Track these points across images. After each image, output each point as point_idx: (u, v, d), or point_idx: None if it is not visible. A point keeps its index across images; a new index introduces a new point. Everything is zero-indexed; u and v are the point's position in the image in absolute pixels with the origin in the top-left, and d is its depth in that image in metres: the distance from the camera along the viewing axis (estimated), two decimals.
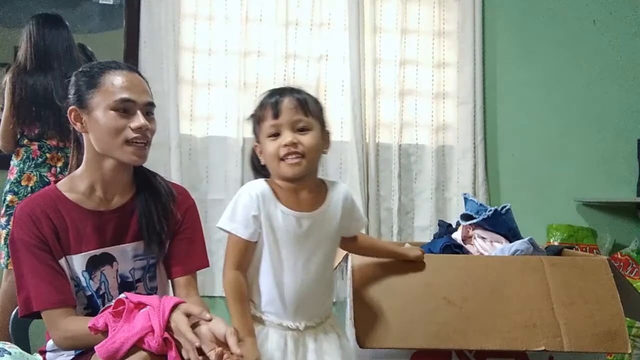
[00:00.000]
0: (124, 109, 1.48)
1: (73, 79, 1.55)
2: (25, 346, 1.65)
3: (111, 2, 3.20)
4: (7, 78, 2.67)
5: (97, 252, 1.51)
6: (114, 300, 1.39)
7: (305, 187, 1.45)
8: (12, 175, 2.67)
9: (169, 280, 1.66)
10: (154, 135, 1.56)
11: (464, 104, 3.27)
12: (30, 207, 1.49)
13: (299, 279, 1.43)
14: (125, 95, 1.47)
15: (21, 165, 2.66)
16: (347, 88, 3.16)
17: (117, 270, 1.54)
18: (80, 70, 1.56)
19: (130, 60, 3.01)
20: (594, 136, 3.36)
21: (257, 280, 1.44)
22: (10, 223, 2.61)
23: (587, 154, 3.35)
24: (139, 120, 1.48)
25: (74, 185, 1.54)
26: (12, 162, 2.71)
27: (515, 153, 3.33)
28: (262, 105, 1.44)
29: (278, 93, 1.43)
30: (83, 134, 1.53)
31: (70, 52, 2.71)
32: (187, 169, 3.07)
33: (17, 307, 1.64)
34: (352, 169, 3.16)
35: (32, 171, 2.65)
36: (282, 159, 1.40)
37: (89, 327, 1.35)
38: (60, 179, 1.58)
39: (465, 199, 2.11)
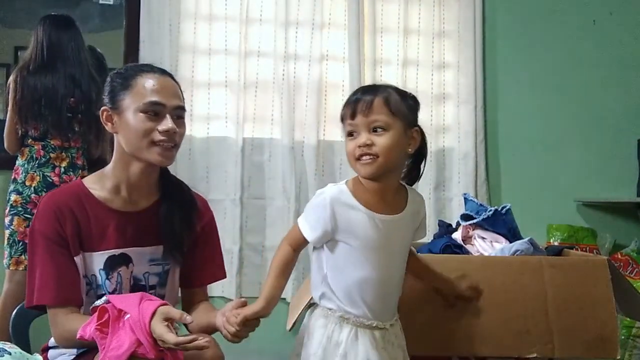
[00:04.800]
0: (154, 111, 1.49)
1: (108, 79, 1.56)
2: (26, 346, 1.65)
3: (111, 2, 3.20)
4: (11, 78, 2.68)
5: (116, 252, 1.52)
6: (97, 307, 1.38)
7: (390, 188, 1.47)
8: (17, 176, 2.66)
9: (180, 288, 1.67)
10: None
11: (464, 104, 3.26)
12: (54, 201, 1.50)
13: (382, 280, 1.45)
14: (155, 98, 1.48)
15: (25, 165, 2.65)
16: (347, 88, 3.15)
17: (131, 272, 1.55)
18: (115, 71, 1.57)
19: (130, 60, 3.01)
20: (594, 136, 3.35)
21: (338, 280, 1.45)
22: (14, 223, 2.62)
23: (587, 154, 3.34)
24: (167, 123, 1.48)
25: (101, 183, 1.55)
26: (17, 162, 2.70)
27: (515, 153, 3.33)
28: (345, 104, 1.47)
29: (360, 91, 1.46)
30: (114, 134, 1.54)
31: (77, 54, 2.70)
32: (187, 169, 3.06)
33: (19, 306, 1.66)
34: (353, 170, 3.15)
35: (35, 171, 2.63)
36: (357, 159, 1.42)
37: (78, 337, 1.36)
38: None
39: (465, 199, 2.11)
